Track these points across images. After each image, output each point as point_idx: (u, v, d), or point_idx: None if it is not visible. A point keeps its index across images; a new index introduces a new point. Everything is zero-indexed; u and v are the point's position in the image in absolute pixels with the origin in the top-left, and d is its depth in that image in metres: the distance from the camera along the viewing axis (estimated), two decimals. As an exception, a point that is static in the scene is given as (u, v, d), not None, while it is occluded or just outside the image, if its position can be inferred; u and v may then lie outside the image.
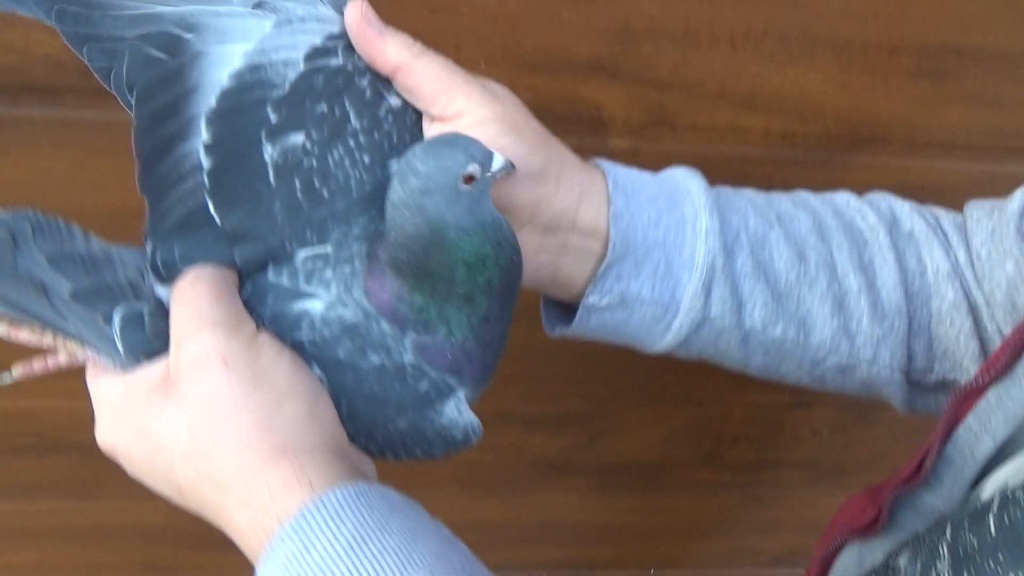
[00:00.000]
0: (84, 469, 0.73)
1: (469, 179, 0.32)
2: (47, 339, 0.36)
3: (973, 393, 0.41)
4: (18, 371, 0.37)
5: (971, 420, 0.40)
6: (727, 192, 0.46)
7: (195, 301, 0.34)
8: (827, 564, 0.46)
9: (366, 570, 0.29)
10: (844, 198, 0.49)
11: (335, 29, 0.37)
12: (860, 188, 0.66)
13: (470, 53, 0.56)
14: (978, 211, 0.48)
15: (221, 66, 0.35)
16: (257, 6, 0.36)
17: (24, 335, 0.36)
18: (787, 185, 0.65)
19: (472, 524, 0.34)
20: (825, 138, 0.63)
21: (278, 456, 0.32)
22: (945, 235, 0.48)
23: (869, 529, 0.44)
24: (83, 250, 0.34)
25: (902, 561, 0.39)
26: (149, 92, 0.35)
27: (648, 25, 0.56)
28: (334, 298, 0.34)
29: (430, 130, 0.38)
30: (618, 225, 0.41)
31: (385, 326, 0.34)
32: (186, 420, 0.33)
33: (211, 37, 0.35)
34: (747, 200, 0.46)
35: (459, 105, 0.37)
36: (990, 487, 0.39)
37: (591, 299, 0.42)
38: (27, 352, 0.38)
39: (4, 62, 0.52)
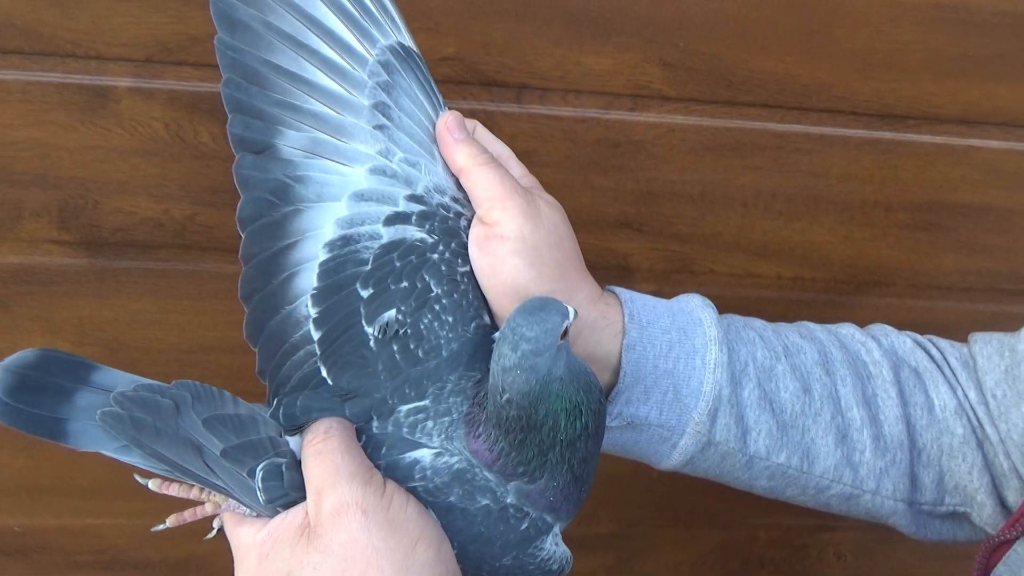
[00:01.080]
0: (139, 585, 0.78)
1: (564, 334, 0.37)
2: (194, 492, 0.41)
3: (1003, 545, 0.43)
4: (171, 520, 0.42)
5: (1001, 569, 0.43)
6: (737, 323, 0.48)
7: (329, 454, 0.37)
8: None
9: None
10: (849, 331, 0.51)
11: (416, 189, 0.42)
12: (869, 325, 0.72)
13: (513, 213, 0.63)
14: (988, 348, 0.50)
15: (318, 229, 0.41)
16: (377, 127, 0.42)
17: (173, 490, 0.41)
18: (800, 321, 0.71)
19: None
20: (832, 282, 0.69)
21: None
22: (952, 371, 0.50)
23: None
24: (232, 412, 0.39)
25: None
26: (255, 238, 0.41)
27: (669, 189, 0.63)
28: (439, 447, 0.38)
29: (475, 228, 0.42)
30: (630, 355, 0.44)
31: (488, 474, 0.38)
32: (331, 565, 0.35)
33: (312, 191, 0.41)
34: (756, 332, 0.48)
35: (496, 215, 0.41)
36: None
37: None
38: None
39: (112, 224, 0.61)
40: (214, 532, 0.41)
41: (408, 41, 0.43)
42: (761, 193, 0.64)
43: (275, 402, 0.40)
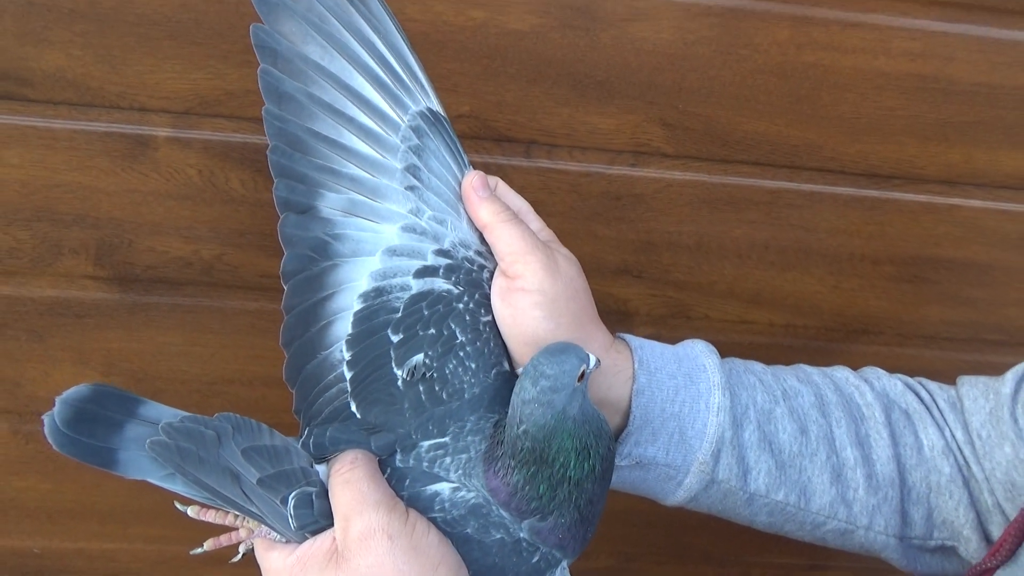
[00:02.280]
0: (150, 609, 0.80)
1: (581, 376, 0.40)
2: (229, 519, 0.44)
3: (984, 573, 0.46)
4: (209, 544, 0.45)
5: None
6: (738, 367, 0.51)
7: (356, 483, 0.40)
8: None
9: None
10: (843, 374, 0.54)
11: (443, 244, 0.45)
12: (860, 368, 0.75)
13: (520, 259, 0.67)
14: (974, 390, 0.53)
15: (354, 281, 0.45)
16: (409, 188, 0.45)
17: (210, 516, 0.44)
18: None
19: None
20: (823, 330, 0.73)
21: None
22: (941, 412, 0.53)
23: None
24: (268, 443, 0.42)
25: None
26: (296, 291, 0.45)
27: (667, 239, 0.67)
28: (457, 482, 0.41)
29: (497, 280, 0.46)
30: (639, 400, 0.47)
31: (503, 511, 0.41)
32: None
33: (348, 247, 0.45)
34: (756, 376, 0.51)
35: (518, 269, 0.44)
36: None
37: None
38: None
39: (144, 261, 0.64)
40: (240, 556, 0.44)
41: (436, 106, 0.47)
42: (754, 245, 0.68)
43: (306, 432, 0.44)
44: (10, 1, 0.55)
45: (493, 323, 0.45)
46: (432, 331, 0.44)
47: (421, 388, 0.43)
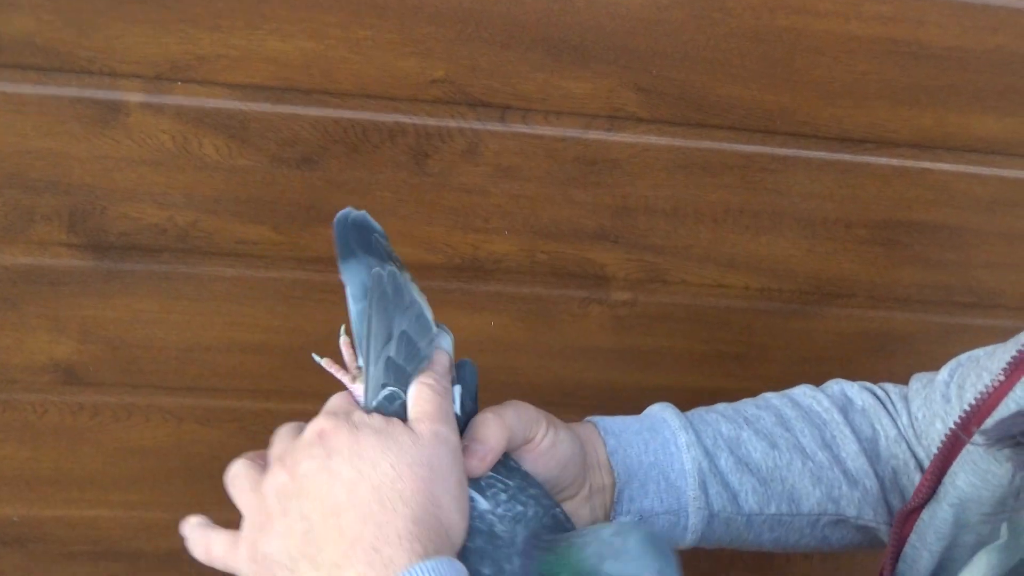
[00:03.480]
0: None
1: None
2: (347, 379, 0.45)
3: (912, 514, 0.48)
4: (325, 361, 0.46)
5: (913, 538, 0.48)
6: (699, 412, 0.54)
7: (445, 401, 0.41)
8: None
9: None
10: (801, 390, 0.57)
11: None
12: (832, 335, 0.76)
13: (497, 224, 0.67)
14: (918, 383, 0.56)
15: None
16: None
17: (334, 369, 0.45)
18: (768, 330, 0.75)
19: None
20: (797, 293, 0.74)
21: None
22: (894, 404, 0.56)
23: None
24: (416, 341, 0.43)
25: None
26: None
27: (643, 204, 0.68)
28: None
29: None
30: (616, 459, 0.49)
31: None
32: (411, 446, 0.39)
33: None
34: (716, 413, 0.54)
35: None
36: None
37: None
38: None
39: (118, 228, 0.64)
40: (319, 361, 0.46)
41: None
42: (730, 209, 0.69)
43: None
44: (-26, -38, 0.54)
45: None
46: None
47: None
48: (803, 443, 0.53)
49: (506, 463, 0.44)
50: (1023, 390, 0.43)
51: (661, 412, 0.53)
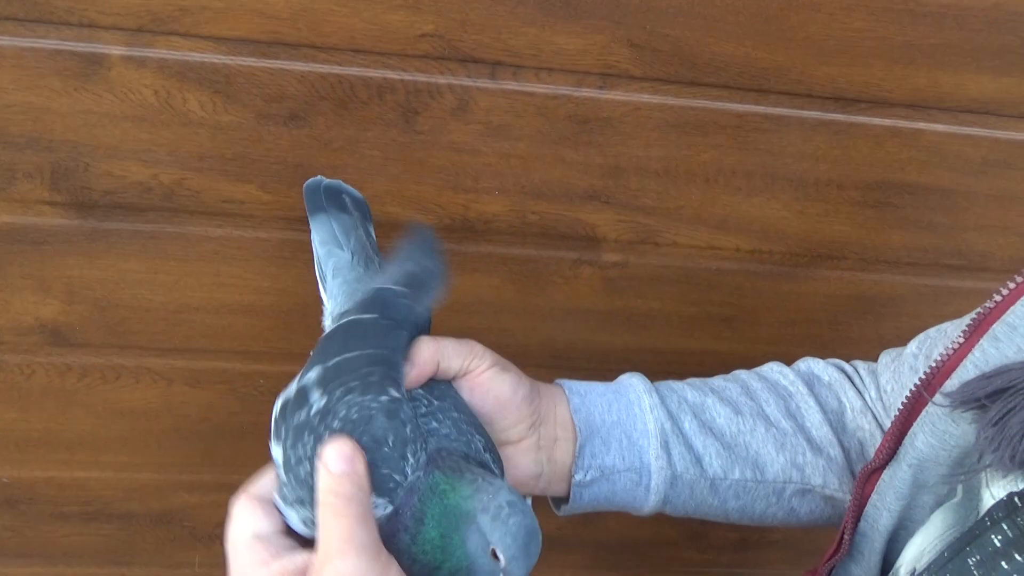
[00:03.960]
0: (123, 537, 0.80)
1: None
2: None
3: (874, 474, 0.49)
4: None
5: (874, 498, 0.49)
6: (668, 381, 0.55)
7: (347, 520, 0.38)
8: None
9: None
10: (769, 366, 0.58)
11: None
12: (822, 297, 0.76)
13: (487, 184, 0.67)
14: (887, 357, 0.58)
15: None
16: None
17: None
18: (758, 292, 0.75)
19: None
20: (788, 255, 0.73)
21: None
22: (861, 379, 0.57)
23: None
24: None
25: None
26: None
27: (635, 164, 0.67)
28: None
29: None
30: (579, 415, 0.51)
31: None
32: None
33: None
34: (683, 383, 0.55)
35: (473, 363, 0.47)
36: (903, 571, 0.46)
37: (577, 477, 0.50)
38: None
39: (102, 186, 0.63)
40: None
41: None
42: (722, 170, 0.68)
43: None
44: (-54, -93, 0.53)
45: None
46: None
47: None
48: (767, 411, 0.54)
49: (441, 387, 0.46)
50: (982, 352, 0.43)
51: (629, 379, 0.54)
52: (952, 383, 0.44)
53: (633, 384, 0.54)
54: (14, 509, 0.78)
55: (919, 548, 0.45)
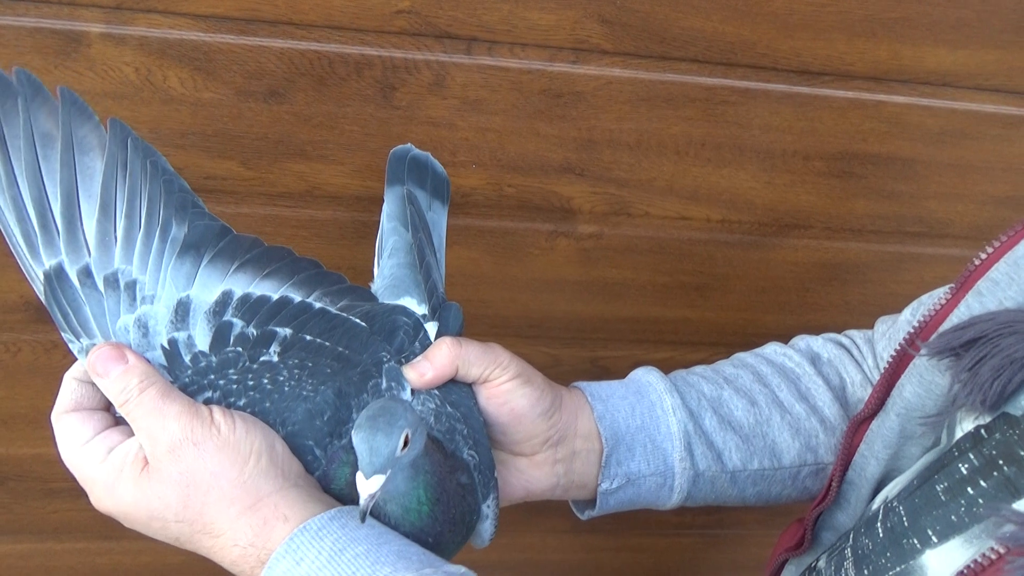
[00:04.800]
0: (111, 511, 0.82)
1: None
2: None
3: (863, 424, 0.51)
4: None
5: (863, 447, 0.51)
6: (681, 374, 0.56)
7: (150, 402, 0.41)
8: None
9: (344, 571, 0.38)
10: (771, 348, 0.59)
11: None
12: (789, 265, 0.79)
13: (463, 158, 0.68)
14: (883, 325, 0.59)
15: None
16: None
17: None
18: (728, 261, 0.78)
19: (462, 563, 0.41)
20: (756, 224, 0.76)
21: (255, 502, 0.40)
22: (859, 350, 0.59)
23: (799, 547, 0.54)
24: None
25: (821, 563, 0.50)
26: None
27: (608, 137, 0.69)
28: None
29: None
30: (604, 423, 0.51)
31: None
32: (175, 493, 0.40)
33: None
34: (696, 375, 0.56)
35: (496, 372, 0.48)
36: (878, 500, 0.49)
37: (603, 485, 0.51)
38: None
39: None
40: None
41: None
42: (692, 142, 0.70)
43: None
44: None
45: None
46: None
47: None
48: (781, 397, 0.55)
49: (460, 393, 0.47)
50: (967, 307, 0.46)
51: (646, 376, 0.55)
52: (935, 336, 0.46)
53: (652, 383, 0.54)
54: (4, 486, 0.79)
55: (896, 483, 0.48)
